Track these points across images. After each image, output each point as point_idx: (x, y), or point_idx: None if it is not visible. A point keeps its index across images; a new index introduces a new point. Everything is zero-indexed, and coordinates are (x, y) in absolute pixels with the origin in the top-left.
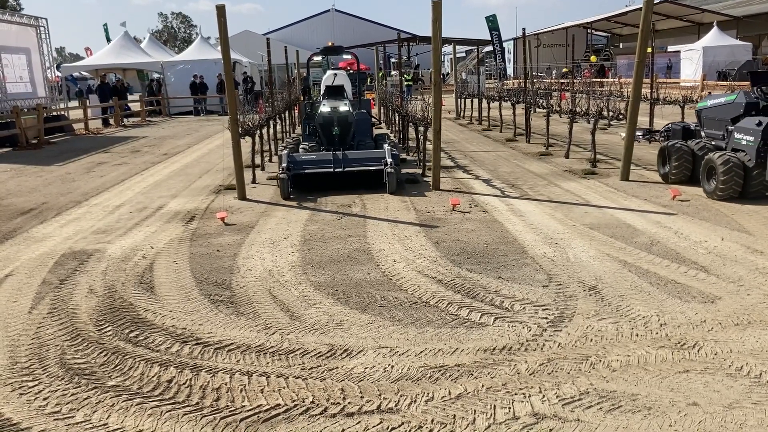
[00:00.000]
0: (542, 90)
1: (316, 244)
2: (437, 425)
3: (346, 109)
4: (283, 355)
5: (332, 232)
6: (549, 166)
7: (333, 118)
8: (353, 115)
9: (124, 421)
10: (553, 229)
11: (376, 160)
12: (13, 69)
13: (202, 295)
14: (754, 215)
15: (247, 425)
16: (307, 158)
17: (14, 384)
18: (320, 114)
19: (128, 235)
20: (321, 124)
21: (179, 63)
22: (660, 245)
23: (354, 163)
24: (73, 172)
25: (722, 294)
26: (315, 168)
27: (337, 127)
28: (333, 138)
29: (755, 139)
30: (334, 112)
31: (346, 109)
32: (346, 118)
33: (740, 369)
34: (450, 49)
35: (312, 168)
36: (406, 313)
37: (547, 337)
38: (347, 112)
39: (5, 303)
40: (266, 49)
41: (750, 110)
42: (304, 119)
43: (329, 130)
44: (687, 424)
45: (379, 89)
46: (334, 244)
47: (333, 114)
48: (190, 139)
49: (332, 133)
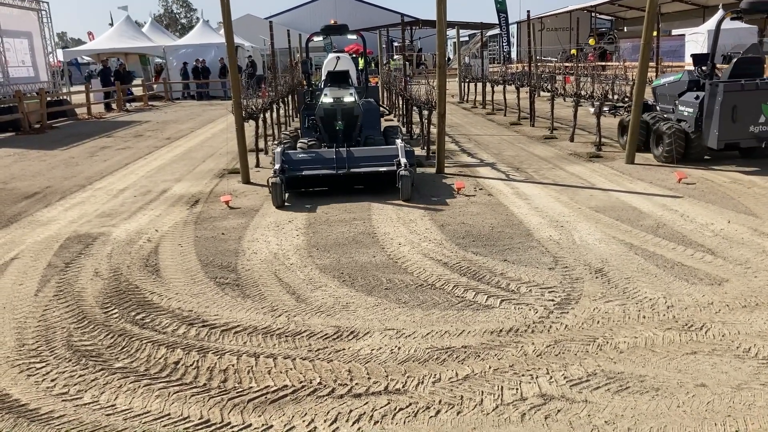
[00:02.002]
0: (546, 73)
1: (321, 227)
2: (445, 406)
3: (351, 100)
4: (290, 336)
5: (337, 216)
6: (554, 150)
7: (336, 110)
8: (359, 106)
9: (132, 402)
10: (559, 212)
11: (387, 159)
12: (15, 53)
13: (208, 277)
14: (761, 198)
15: (254, 406)
16: (304, 157)
17: (22, 366)
18: (321, 105)
19: (133, 218)
20: (322, 118)
21: (181, 47)
22: (666, 228)
23: (361, 163)
24: (76, 156)
25: (729, 276)
26: (314, 169)
27: (341, 121)
28: (336, 133)
29: (694, 110)
30: (338, 103)
31: (351, 100)
32: (351, 110)
33: (748, 350)
34: (453, 33)
35: (311, 169)
36: (412, 295)
37: (553, 319)
38: (352, 102)
39: (11, 286)
40: (269, 33)
41: (692, 87)
42: (303, 110)
43: (331, 124)
44: (695, 405)
45: (382, 73)
46: (338, 227)
47: (336, 105)
48: (193, 124)
49: (335, 128)
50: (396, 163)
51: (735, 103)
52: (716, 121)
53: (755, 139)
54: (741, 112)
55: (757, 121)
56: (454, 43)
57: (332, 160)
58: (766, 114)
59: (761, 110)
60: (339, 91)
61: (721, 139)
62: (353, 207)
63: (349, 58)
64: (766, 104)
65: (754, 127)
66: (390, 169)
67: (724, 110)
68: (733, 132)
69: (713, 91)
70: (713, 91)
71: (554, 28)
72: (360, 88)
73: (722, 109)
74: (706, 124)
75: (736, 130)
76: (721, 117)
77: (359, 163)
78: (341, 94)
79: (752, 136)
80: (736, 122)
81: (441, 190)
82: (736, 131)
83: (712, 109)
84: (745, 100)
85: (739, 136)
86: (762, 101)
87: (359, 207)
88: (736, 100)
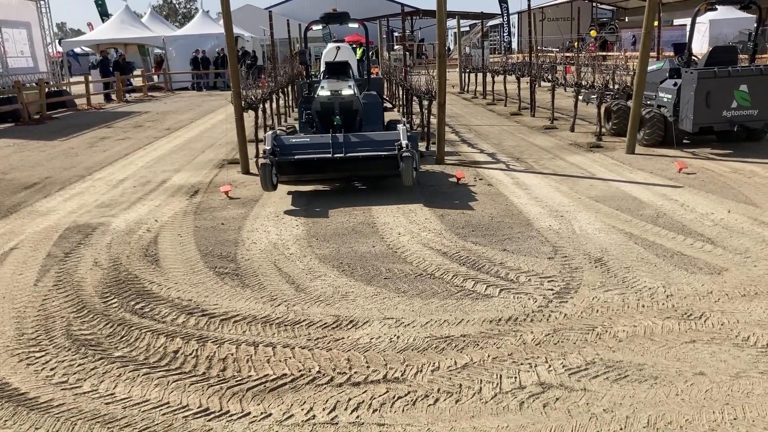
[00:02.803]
0: (547, 63)
1: (320, 217)
2: (443, 394)
3: (351, 93)
4: (289, 326)
5: (336, 205)
6: (554, 140)
7: (334, 103)
8: (359, 99)
9: (131, 391)
10: (559, 202)
11: (389, 144)
12: (14, 44)
13: (207, 267)
14: (761, 188)
15: (253, 394)
16: (298, 141)
17: (21, 355)
18: (317, 99)
19: (132, 208)
20: (318, 112)
21: (181, 38)
22: (666, 217)
23: (359, 148)
24: (76, 146)
25: (729, 265)
26: (308, 153)
27: (339, 116)
28: (334, 129)
29: (672, 97)
30: (335, 97)
31: (350, 93)
32: (350, 103)
33: (747, 339)
34: (454, 23)
35: (303, 153)
36: (412, 284)
37: (552, 308)
38: (352, 96)
39: (11, 276)
40: (268, 23)
41: (673, 75)
42: (300, 103)
43: (329, 119)
44: (694, 393)
45: (383, 64)
46: (338, 217)
47: (333, 99)
48: (193, 114)
49: (333, 123)
50: (398, 146)
51: (709, 90)
52: (691, 107)
53: (728, 123)
54: (714, 98)
55: (729, 106)
56: (455, 33)
57: (328, 144)
58: (739, 99)
59: (734, 96)
60: (337, 84)
61: (695, 123)
62: (353, 197)
63: (350, 48)
64: (739, 90)
65: (727, 112)
66: (391, 152)
67: (699, 96)
68: (707, 116)
69: (688, 78)
70: (688, 78)
71: (555, 18)
72: (361, 80)
73: (696, 95)
74: (682, 109)
75: (710, 114)
76: (695, 102)
77: (357, 148)
78: (339, 87)
79: (725, 121)
80: (710, 107)
81: (441, 180)
82: (710, 116)
83: (688, 95)
84: (718, 86)
85: (712, 121)
86: (734, 88)
87: (359, 198)
88: (709, 86)
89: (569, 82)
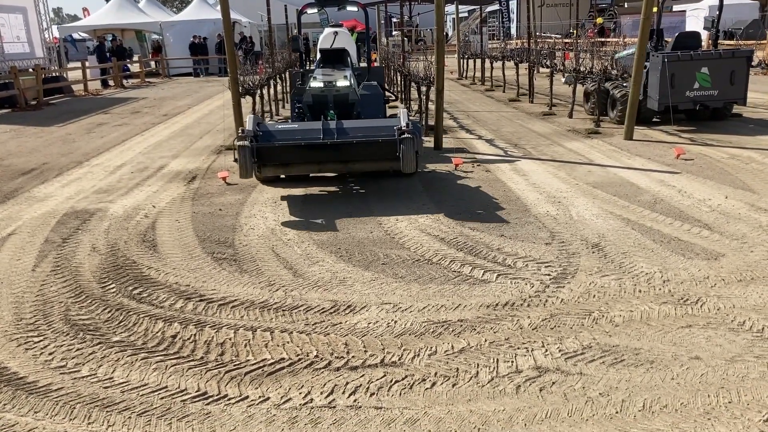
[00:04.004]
0: (546, 49)
1: (318, 202)
2: (440, 378)
3: (346, 84)
4: (287, 310)
5: (334, 190)
6: (552, 126)
7: (327, 95)
8: (356, 91)
9: (129, 375)
10: (556, 188)
11: (387, 130)
12: (9, 29)
13: (205, 253)
14: (758, 173)
15: (251, 378)
16: (284, 128)
17: (20, 339)
18: (309, 90)
19: (130, 194)
20: (310, 105)
21: (178, 23)
22: (663, 203)
23: (352, 134)
24: (73, 132)
25: (726, 251)
26: (292, 140)
27: (333, 109)
28: None
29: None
30: (329, 88)
31: (345, 84)
32: (345, 96)
33: (742, 324)
34: (452, 8)
35: (288, 140)
36: (409, 270)
37: (549, 293)
38: (347, 87)
39: (9, 261)
40: (266, 8)
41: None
42: (293, 94)
43: (322, 113)
44: (689, 377)
45: (381, 49)
46: (336, 202)
47: (327, 90)
48: (190, 100)
49: (326, 118)
50: (397, 130)
51: (673, 72)
52: (657, 87)
53: (691, 102)
54: (678, 80)
55: (692, 87)
56: (453, 18)
57: (317, 131)
58: (700, 81)
59: (695, 78)
60: (332, 74)
61: (661, 102)
62: (350, 183)
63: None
64: (700, 72)
65: (690, 92)
66: (390, 137)
67: (663, 78)
68: (671, 96)
69: (655, 61)
70: (655, 61)
71: (554, 3)
72: (360, 70)
73: (662, 77)
74: (650, 89)
75: (674, 94)
76: (660, 83)
77: (350, 135)
78: (334, 77)
79: (688, 100)
80: (674, 88)
81: (439, 166)
82: (674, 96)
83: (655, 77)
84: (682, 69)
85: (677, 100)
86: (696, 70)
87: (356, 184)
88: (674, 68)
89: (567, 68)
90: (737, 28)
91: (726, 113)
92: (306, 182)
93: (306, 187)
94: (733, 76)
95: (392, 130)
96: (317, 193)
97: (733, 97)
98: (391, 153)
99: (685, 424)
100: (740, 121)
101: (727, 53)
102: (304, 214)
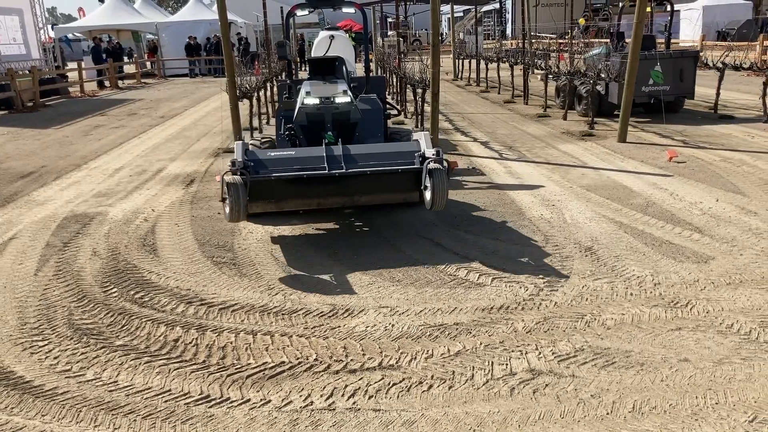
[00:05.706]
0: (540, 51)
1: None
2: (437, 380)
3: (346, 100)
4: (287, 314)
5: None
6: (547, 128)
7: (325, 114)
8: (357, 108)
9: (134, 379)
10: (551, 191)
11: (406, 156)
12: (5, 30)
13: (205, 256)
14: (749, 176)
15: (253, 382)
16: (279, 156)
17: (25, 344)
18: (302, 108)
19: (129, 198)
20: (303, 126)
21: (173, 24)
22: (655, 206)
23: (363, 163)
24: (70, 135)
25: (716, 254)
26: (291, 172)
27: (332, 131)
28: None
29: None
30: (327, 106)
31: (345, 100)
32: (346, 114)
33: (731, 326)
34: (448, 8)
35: (285, 172)
36: (405, 274)
37: (543, 296)
38: (349, 104)
39: (11, 266)
40: (262, 9)
41: (608, 58)
42: (278, 111)
43: (317, 135)
44: (678, 378)
45: (377, 51)
46: (333, 210)
47: (325, 108)
48: (187, 102)
49: (323, 141)
50: (420, 157)
51: None
52: (616, 84)
53: (646, 96)
54: None
55: (647, 83)
56: (449, 18)
57: (320, 159)
58: (654, 77)
59: (650, 75)
60: (327, 88)
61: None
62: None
63: (347, 37)
64: (654, 70)
65: (645, 88)
66: (410, 167)
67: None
68: None
69: (615, 60)
70: (615, 60)
71: (549, 3)
72: (357, 81)
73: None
74: (611, 85)
75: None
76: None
77: (361, 162)
78: (331, 92)
79: (644, 95)
80: None
81: None
82: None
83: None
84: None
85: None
86: (650, 68)
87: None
88: None
89: (562, 69)
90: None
91: (677, 106)
92: None
93: None
94: (682, 73)
95: (412, 157)
96: None
97: (683, 91)
98: (409, 184)
99: (674, 425)
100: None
101: (677, 53)
102: (302, 219)
